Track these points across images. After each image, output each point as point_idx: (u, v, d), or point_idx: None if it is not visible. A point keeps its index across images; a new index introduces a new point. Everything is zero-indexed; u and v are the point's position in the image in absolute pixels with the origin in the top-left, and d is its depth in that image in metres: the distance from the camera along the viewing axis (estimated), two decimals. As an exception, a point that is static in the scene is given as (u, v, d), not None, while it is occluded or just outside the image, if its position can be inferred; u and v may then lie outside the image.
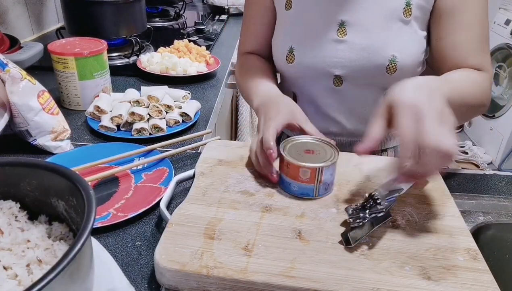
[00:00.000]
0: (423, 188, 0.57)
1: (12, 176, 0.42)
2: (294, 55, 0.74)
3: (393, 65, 0.69)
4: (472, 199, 0.69)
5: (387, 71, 0.69)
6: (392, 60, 0.69)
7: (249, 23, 0.85)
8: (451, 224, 0.52)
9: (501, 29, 2.56)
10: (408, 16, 0.69)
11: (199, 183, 0.58)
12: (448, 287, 0.42)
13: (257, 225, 0.50)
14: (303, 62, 0.74)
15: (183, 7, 1.83)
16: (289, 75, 0.79)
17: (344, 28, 0.71)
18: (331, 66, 0.73)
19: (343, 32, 0.71)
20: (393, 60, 0.69)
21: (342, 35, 0.71)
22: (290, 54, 0.75)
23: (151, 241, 0.55)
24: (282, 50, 0.76)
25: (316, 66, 0.74)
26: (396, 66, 0.69)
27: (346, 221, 0.50)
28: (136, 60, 1.20)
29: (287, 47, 0.75)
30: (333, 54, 0.72)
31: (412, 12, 0.69)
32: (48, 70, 0.95)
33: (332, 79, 0.74)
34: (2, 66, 0.68)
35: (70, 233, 0.41)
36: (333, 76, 0.74)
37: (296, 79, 0.78)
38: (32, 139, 0.72)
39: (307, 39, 0.74)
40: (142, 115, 0.81)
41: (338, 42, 0.71)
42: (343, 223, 0.51)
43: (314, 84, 0.77)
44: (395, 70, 0.69)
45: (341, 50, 0.71)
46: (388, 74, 0.70)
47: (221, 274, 0.43)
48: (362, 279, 0.43)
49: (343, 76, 0.73)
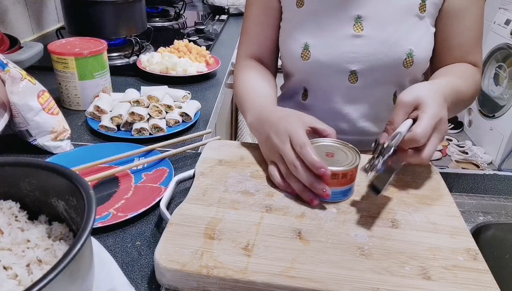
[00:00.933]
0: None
1: (12, 176, 0.42)
2: (309, 52, 0.74)
3: (410, 59, 0.71)
4: (472, 199, 0.69)
5: (404, 65, 0.71)
6: (409, 54, 0.71)
7: (251, 23, 0.83)
8: (451, 224, 0.52)
9: (501, 29, 2.56)
10: (423, 12, 0.71)
11: (199, 183, 0.58)
12: (448, 287, 0.42)
13: (257, 225, 0.50)
14: (320, 58, 0.74)
15: (183, 7, 1.83)
16: (303, 72, 0.78)
17: (361, 23, 0.72)
18: (347, 62, 0.73)
19: (359, 27, 0.72)
20: (410, 54, 0.71)
21: (359, 30, 0.72)
22: (306, 51, 0.74)
23: (151, 241, 0.55)
24: (296, 48, 0.75)
25: (332, 62, 0.74)
26: (413, 60, 0.71)
27: (370, 181, 0.51)
28: (136, 60, 1.20)
29: (301, 44, 0.75)
30: (350, 50, 0.72)
31: (426, 8, 0.72)
32: (48, 70, 0.95)
33: (348, 75, 0.75)
34: (2, 66, 0.68)
35: (70, 233, 0.41)
36: (349, 72, 0.74)
37: (310, 76, 0.78)
38: (32, 139, 0.72)
39: (323, 35, 0.74)
40: (142, 115, 0.81)
41: (355, 37, 0.72)
42: (368, 186, 0.51)
43: (328, 80, 0.76)
44: (412, 64, 0.71)
45: (359, 45, 0.72)
46: (404, 68, 0.72)
47: (221, 274, 0.43)
48: (362, 279, 0.43)
49: (359, 72, 0.74)
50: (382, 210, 0.54)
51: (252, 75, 0.79)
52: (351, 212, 0.53)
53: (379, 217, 0.52)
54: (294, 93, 0.84)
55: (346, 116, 0.79)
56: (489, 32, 2.72)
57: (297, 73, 0.80)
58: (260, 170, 0.61)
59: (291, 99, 0.85)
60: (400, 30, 0.71)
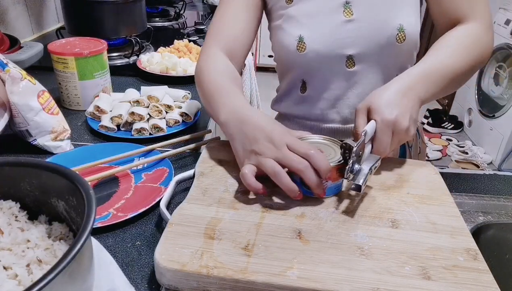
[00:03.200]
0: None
1: (12, 176, 0.42)
2: (305, 43, 0.75)
3: (402, 34, 0.72)
4: (472, 199, 0.69)
5: (397, 40, 0.72)
6: (400, 29, 0.72)
7: (229, 16, 0.79)
8: (451, 224, 0.52)
9: (501, 29, 2.56)
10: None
11: (199, 183, 0.58)
12: (448, 287, 0.42)
13: (257, 225, 0.50)
14: (315, 48, 0.75)
15: (183, 7, 1.83)
16: (301, 65, 0.78)
17: (350, 8, 0.73)
18: (343, 47, 0.74)
19: (349, 12, 0.73)
20: (401, 28, 0.72)
21: (349, 15, 0.73)
22: (301, 43, 0.75)
23: (151, 241, 0.55)
24: (291, 41, 0.76)
25: (328, 50, 0.75)
26: (405, 34, 0.72)
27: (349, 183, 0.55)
28: (136, 60, 1.20)
29: (296, 37, 0.75)
30: (344, 35, 0.74)
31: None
32: (48, 70, 0.95)
33: (345, 61, 0.75)
34: (2, 66, 0.68)
35: (70, 233, 0.41)
36: (345, 57, 0.75)
37: (308, 67, 0.78)
38: (32, 139, 0.72)
39: (315, 25, 0.75)
40: (142, 115, 0.81)
41: (347, 22, 0.73)
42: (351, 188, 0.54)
43: (326, 68, 0.77)
44: (404, 38, 0.72)
45: (351, 30, 0.73)
46: (398, 43, 0.73)
47: (221, 274, 0.43)
48: (362, 279, 0.43)
49: (355, 56, 0.75)
50: (382, 210, 0.54)
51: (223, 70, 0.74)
52: (351, 212, 0.53)
53: (379, 217, 0.52)
54: (292, 88, 0.84)
55: (347, 102, 0.80)
56: (489, 32, 2.71)
57: (294, 67, 0.81)
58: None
59: (290, 95, 0.85)
60: (388, 8, 0.72)
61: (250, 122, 0.59)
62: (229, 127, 0.62)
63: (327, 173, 0.53)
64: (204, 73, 0.73)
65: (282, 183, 0.53)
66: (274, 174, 0.53)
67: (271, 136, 0.56)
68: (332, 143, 0.60)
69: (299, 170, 0.53)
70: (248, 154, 0.58)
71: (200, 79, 0.73)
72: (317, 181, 0.53)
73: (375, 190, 0.58)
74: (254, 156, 0.56)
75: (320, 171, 0.53)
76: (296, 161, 0.53)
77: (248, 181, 0.54)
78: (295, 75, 0.81)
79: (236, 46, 0.79)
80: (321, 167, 0.53)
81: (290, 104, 0.85)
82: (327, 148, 0.59)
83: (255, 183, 0.54)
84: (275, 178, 0.54)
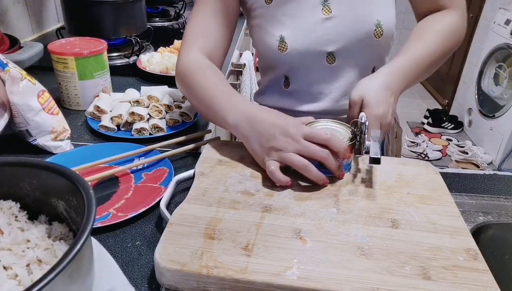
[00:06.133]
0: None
1: (12, 176, 0.42)
2: (286, 43, 0.76)
3: (379, 29, 0.75)
4: (472, 199, 0.69)
5: (375, 36, 0.75)
6: (377, 25, 0.74)
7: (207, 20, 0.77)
8: (451, 224, 0.52)
9: (501, 29, 2.56)
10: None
11: (199, 183, 0.58)
12: (448, 287, 0.42)
13: (257, 225, 0.50)
14: (296, 47, 0.76)
15: (183, 7, 1.83)
16: (283, 64, 0.80)
17: (328, 6, 0.75)
18: (323, 45, 0.76)
19: (327, 10, 0.75)
20: (378, 24, 0.74)
21: (327, 13, 0.75)
22: (282, 43, 0.76)
23: (151, 241, 0.55)
24: (272, 42, 0.77)
25: (309, 48, 0.76)
26: (382, 29, 0.75)
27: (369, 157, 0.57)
28: (136, 60, 1.20)
29: (277, 38, 0.76)
30: (323, 33, 0.75)
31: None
32: (48, 70, 0.95)
33: (325, 57, 0.77)
34: (2, 66, 0.68)
35: (70, 233, 0.41)
36: (326, 54, 0.77)
37: (290, 64, 0.80)
38: (32, 139, 0.72)
39: (295, 25, 0.76)
40: (142, 115, 0.81)
41: (326, 20, 0.75)
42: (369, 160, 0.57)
43: (308, 65, 0.79)
44: (382, 33, 0.75)
45: (330, 27, 0.75)
46: (376, 38, 0.75)
47: (221, 274, 0.43)
48: (362, 279, 0.43)
49: (336, 52, 0.77)
50: (382, 210, 0.54)
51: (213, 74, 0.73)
52: (351, 212, 0.53)
53: (379, 217, 0.53)
54: (275, 83, 0.85)
55: (328, 96, 0.82)
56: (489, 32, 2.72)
57: (277, 65, 0.82)
58: (260, 170, 0.61)
59: (273, 90, 0.87)
60: (365, 4, 0.74)
61: (261, 120, 0.61)
62: (241, 128, 0.63)
63: (345, 153, 0.58)
64: (193, 77, 0.73)
65: (312, 174, 0.57)
66: (303, 167, 0.57)
67: (286, 130, 0.59)
68: (337, 124, 0.64)
69: (322, 157, 0.57)
70: (268, 151, 0.60)
71: (189, 84, 0.73)
72: (337, 164, 0.58)
73: (375, 190, 0.58)
74: (275, 152, 0.59)
75: (339, 153, 0.57)
76: (318, 150, 0.57)
77: (277, 177, 0.57)
78: (278, 72, 0.83)
79: (216, 49, 0.79)
80: (340, 149, 0.57)
81: (274, 98, 0.87)
82: (334, 130, 0.62)
83: (284, 177, 0.57)
84: (304, 170, 0.57)
